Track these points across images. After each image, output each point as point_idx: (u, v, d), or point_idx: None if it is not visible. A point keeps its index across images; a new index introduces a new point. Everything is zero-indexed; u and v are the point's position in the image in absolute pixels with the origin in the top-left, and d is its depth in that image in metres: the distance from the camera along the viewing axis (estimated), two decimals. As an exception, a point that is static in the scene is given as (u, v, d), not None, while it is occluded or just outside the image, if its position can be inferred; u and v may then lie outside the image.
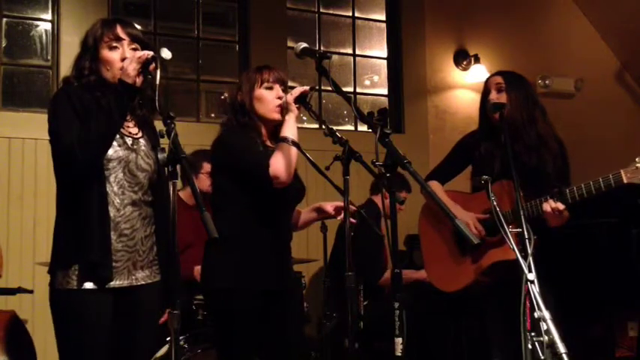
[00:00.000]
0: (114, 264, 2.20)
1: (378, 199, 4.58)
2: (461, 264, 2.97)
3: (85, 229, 2.15)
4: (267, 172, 2.41)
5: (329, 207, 2.69)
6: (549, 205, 2.62)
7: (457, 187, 3.15)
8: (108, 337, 2.20)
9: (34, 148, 4.22)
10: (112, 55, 2.27)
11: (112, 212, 2.21)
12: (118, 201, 2.23)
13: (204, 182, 3.82)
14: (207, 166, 3.85)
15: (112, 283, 2.21)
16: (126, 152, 2.26)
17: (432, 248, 3.17)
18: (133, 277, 2.26)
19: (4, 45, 4.54)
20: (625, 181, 2.44)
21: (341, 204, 2.65)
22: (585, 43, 6.42)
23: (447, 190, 3.08)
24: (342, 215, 2.68)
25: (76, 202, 2.18)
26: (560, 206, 2.61)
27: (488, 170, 2.79)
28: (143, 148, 2.32)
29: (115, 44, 2.27)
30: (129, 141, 2.29)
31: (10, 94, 4.53)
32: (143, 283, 2.29)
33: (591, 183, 2.54)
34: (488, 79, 3.02)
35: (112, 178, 2.22)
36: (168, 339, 2.82)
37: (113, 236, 2.21)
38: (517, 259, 2.20)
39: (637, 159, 2.42)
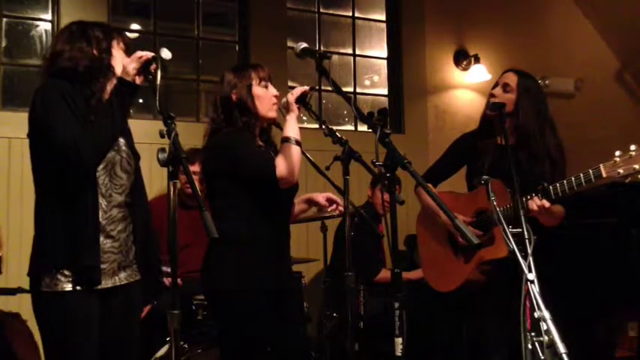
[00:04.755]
0: (102, 266, 2.20)
1: (375, 201, 4.59)
2: (454, 264, 2.98)
3: (76, 232, 2.13)
4: (273, 173, 2.41)
5: (320, 198, 2.69)
6: (534, 203, 2.62)
7: (453, 187, 3.15)
8: (96, 338, 2.19)
9: (34, 148, 4.22)
10: (125, 58, 2.31)
11: (100, 215, 2.20)
12: (105, 203, 2.23)
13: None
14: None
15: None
16: (111, 154, 2.24)
17: (428, 249, 3.18)
18: (117, 277, 2.26)
19: (4, 45, 4.54)
20: (604, 175, 2.44)
21: (332, 195, 2.66)
22: (585, 43, 6.42)
23: (439, 191, 3.07)
24: (334, 207, 2.69)
25: (67, 204, 2.14)
26: (546, 203, 2.61)
27: (482, 169, 2.80)
28: (124, 148, 2.32)
29: (125, 51, 2.33)
30: None
31: (10, 94, 4.53)
32: (126, 282, 2.29)
33: (572, 178, 2.55)
34: (503, 73, 2.98)
35: (100, 181, 2.21)
36: (168, 339, 2.82)
37: (100, 238, 2.20)
38: (515, 258, 2.19)
39: (616, 152, 2.42)
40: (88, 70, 2.22)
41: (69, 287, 2.13)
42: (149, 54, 2.18)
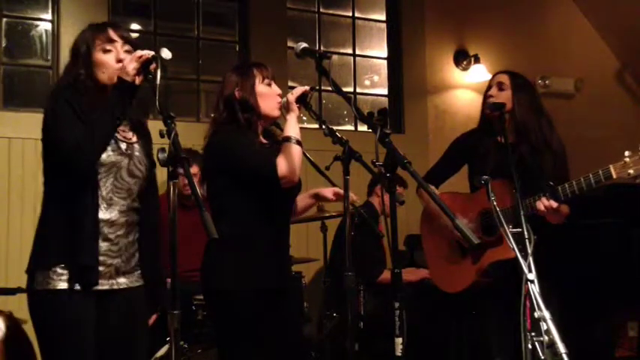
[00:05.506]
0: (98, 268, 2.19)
1: (374, 201, 4.59)
2: (462, 265, 2.97)
3: (75, 232, 2.13)
4: (274, 173, 2.41)
5: (328, 192, 2.69)
6: (542, 204, 2.63)
7: (454, 187, 3.15)
8: (92, 339, 2.18)
9: (35, 148, 4.20)
10: (107, 58, 2.27)
11: (99, 216, 2.20)
12: (105, 206, 2.22)
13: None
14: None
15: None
16: (119, 157, 2.24)
17: (434, 251, 3.17)
18: (114, 281, 2.25)
19: (4, 45, 4.54)
20: (614, 176, 2.43)
21: (340, 190, 2.64)
22: (585, 43, 6.42)
23: (443, 192, 3.07)
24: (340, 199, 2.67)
25: (67, 204, 2.15)
26: (554, 204, 2.61)
27: (485, 168, 2.79)
28: (137, 153, 2.31)
29: (108, 47, 2.27)
30: (123, 146, 2.27)
31: (10, 94, 4.53)
32: (125, 287, 2.27)
33: (582, 179, 2.54)
34: (493, 76, 3.02)
35: (101, 183, 2.21)
36: (168, 339, 2.82)
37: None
38: (516, 258, 2.19)
39: (626, 153, 2.41)
40: (82, 87, 2.23)
41: (62, 286, 2.13)
42: (149, 53, 2.18)
